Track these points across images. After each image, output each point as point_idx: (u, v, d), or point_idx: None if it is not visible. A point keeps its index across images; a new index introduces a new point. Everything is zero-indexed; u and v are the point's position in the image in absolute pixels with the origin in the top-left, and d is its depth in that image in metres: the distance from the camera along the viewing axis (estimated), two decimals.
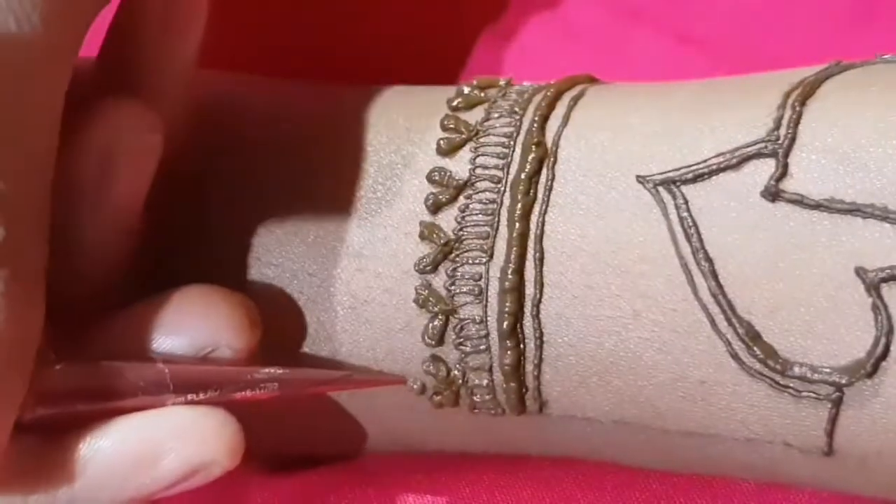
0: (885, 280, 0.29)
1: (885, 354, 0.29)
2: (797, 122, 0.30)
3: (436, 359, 0.32)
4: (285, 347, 0.33)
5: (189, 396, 0.31)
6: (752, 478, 0.33)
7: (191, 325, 0.31)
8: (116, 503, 0.31)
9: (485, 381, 0.32)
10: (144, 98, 0.31)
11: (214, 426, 0.31)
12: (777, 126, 0.31)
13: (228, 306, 0.32)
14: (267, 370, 0.31)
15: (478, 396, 0.32)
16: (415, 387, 0.33)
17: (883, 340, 0.29)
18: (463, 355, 0.32)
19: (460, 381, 0.32)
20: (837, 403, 0.29)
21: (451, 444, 0.35)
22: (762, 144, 0.30)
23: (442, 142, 0.33)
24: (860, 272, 0.29)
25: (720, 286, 0.30)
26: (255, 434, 0.36)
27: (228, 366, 0.31)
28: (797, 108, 0.31)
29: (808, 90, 0.31)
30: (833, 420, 0.30)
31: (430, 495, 0.37)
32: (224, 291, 0.32)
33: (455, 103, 0.34)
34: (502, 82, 0.34)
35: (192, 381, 0.31)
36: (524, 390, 0.32)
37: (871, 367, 0.29)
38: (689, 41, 0.42)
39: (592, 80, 0.35)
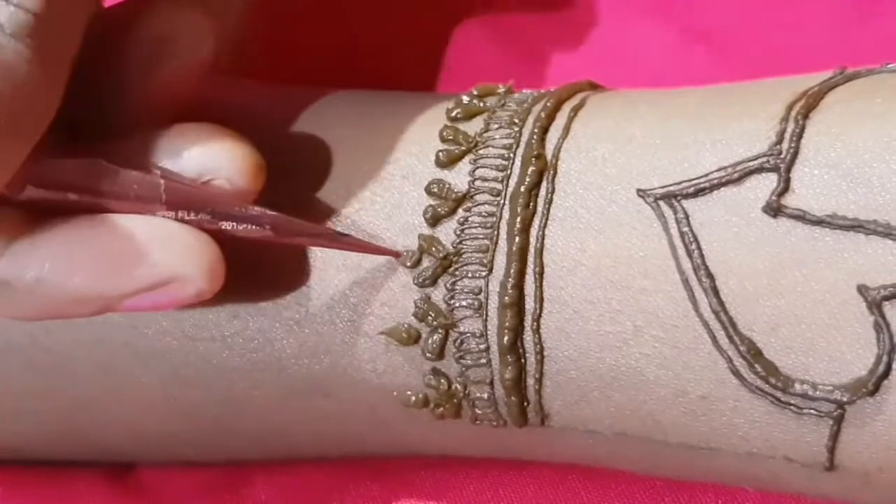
0: (887, 298, 0.29)
1: (886, 373, 0.29)
2: (800, 136, 0.30)
3: (436, 372, 0.32)
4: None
5: (180, 214, 0.31)
6: (755, 488, 0.33)
7: (192, 149, 0.31)
8: (84, 296, 0.30)
9: (486, 395, 0.32)
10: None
11: (197, 242, 0.31)
12: (780, 140, 0.30)
13: (233, 140, 0.31)
14: (262, 209, 0.31)
15: (479, 409, 0.32)
16: (415, 399, 0.33)
17: (885, 359, 0.29)
18: (464, 369, 0.32)
19: (461, 394, 0.32)
20: (839, 421, 0.29)
21: (453, 450, 0.35)
22: (764, 159, 0.30)
23: (441, 154, 0.33)
24: (862, 290, 0.29)
25: (721, 303, 0.30)
26: (261, 442, 0.36)
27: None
28: (800, 122, 0.30)
29: (811, 102, 0.31)
30: (834, 437, 0.30)
31: (434, 492, 0.37)
32: (233, 132, 0.32)
33: (454, 114, 0.33)
34: (501, 89, 0.34)
35: (184, 199, 0.31)
36: (525, 403, 0.32)
37: (873, 385, 0.29)
38: (694, 33, 0.42)
39: (593, 87, 0.35)
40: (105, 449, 0.37)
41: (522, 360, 0.32)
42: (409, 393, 0.33)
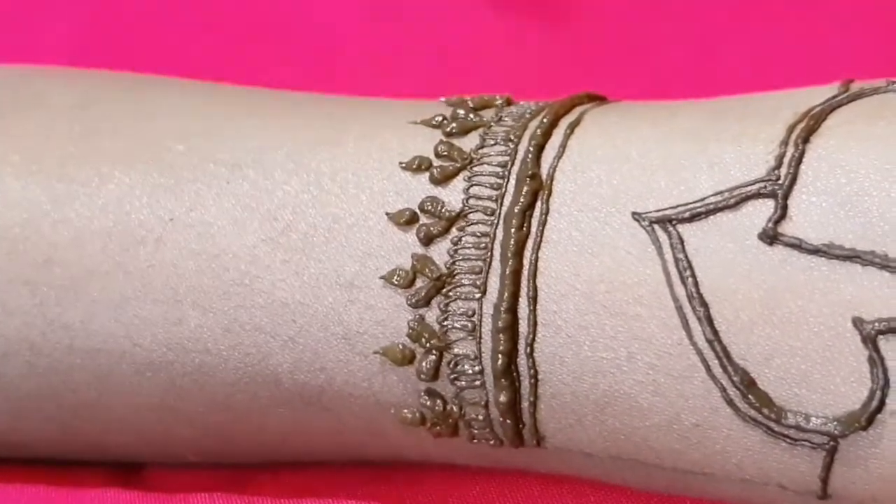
0: (882, 332, 0.28)
1: (880, 408, 0.28)
2: (799, 161, 0.29)
3: (431, 393, 0.32)
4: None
5: None
6: None
7: None
8: None
9: (481, 416, 0.32)
10: None
11: None
12: (778, 164, 0.30)
13: None
14: None
15: (476, 429, 0.32)
16: (412, 417, 0.33)
17: (878, 394, 0.28)
18: (459, 390, 0.32)
19: (457, 415, 0.32)
20: (832, 453, 0.29)
21: (453, 461, 0.35)
22: (762, 184, 0.30)
23: (435, 171, 0.32)
24: (857, 323, 0.28)
25: (715, 332, 0.30)
26: (263, 448, 0.36)
27: None
28: (800, 146, 0.29)
29: (812, 124, 0.30)
30: (827, 468, 0.29)
31: (441, 491, 0.37)
32: None
33: (449, 129, 0.33)
34: (499, 101, 0.34)
35: None
36: (521, 426, 0.32)
37: (866, 420, 0.29)
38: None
39: (592, 99, 0.34)
40: (108, 449, 0.37)
41: (517, 384, 0.31)
42: (405, 411, 0.33)
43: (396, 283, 0.32)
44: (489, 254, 0.31)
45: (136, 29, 0.45)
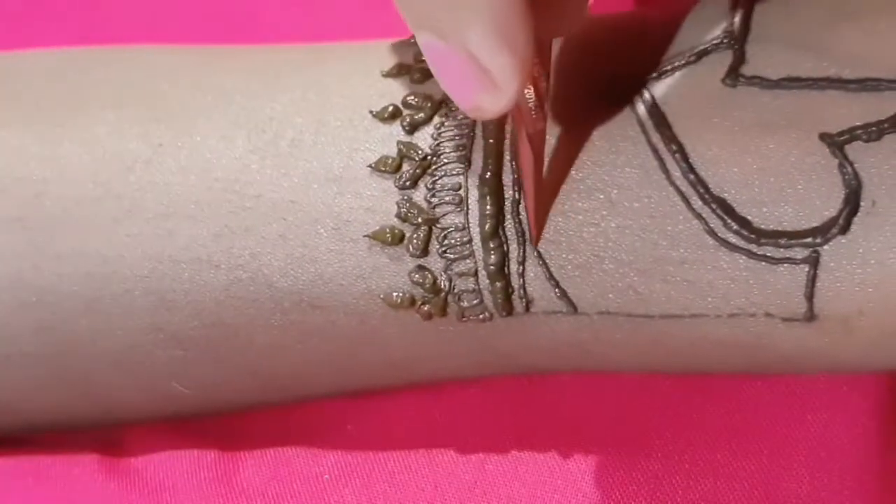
0: (847, 141, 0.30)
1: (855, 210, 0.30)
2: (749, 17, 0.32)
3: (421, 268, 0.33)
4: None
5: None
6: (741, 361, 0.33)
7: None
8: None
9: (471, 286, 0.33)
10: None
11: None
12: (731, 23, 0.32)
13: None
14: None
15: (465, 302, 0.33)
16: (401, 299, 0.33)
17: (853, 197, 0.30)
18: (448, 263, 0.33)
19: (447, 289, 0.33)
20: (814, 264, 0.30)
21: (441, 359, 0.35)
22: (718, 40, 0.32)
23: (416, 73, 0.34)
24: (824, 137, 0.31)
25: (692, 168, 0.31)
26: (252, 370, 0.36)
27: None
28: (748, 5, 0.33)
29: None
30: (812, 282, 0.31)
31: (419, 479, 0.37)
32: None
33: None
34: None
35: None
36: (510, 290, 0.33)
37: (844, 221, 0.30)
38: None
39: None
40: (92, 391, 0.37)
41: (505, 247, 0.32)
42: (394, 294, 0.33)
43: (384, 169, 0.33)
44: (472, 131, 0.33)
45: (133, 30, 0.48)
